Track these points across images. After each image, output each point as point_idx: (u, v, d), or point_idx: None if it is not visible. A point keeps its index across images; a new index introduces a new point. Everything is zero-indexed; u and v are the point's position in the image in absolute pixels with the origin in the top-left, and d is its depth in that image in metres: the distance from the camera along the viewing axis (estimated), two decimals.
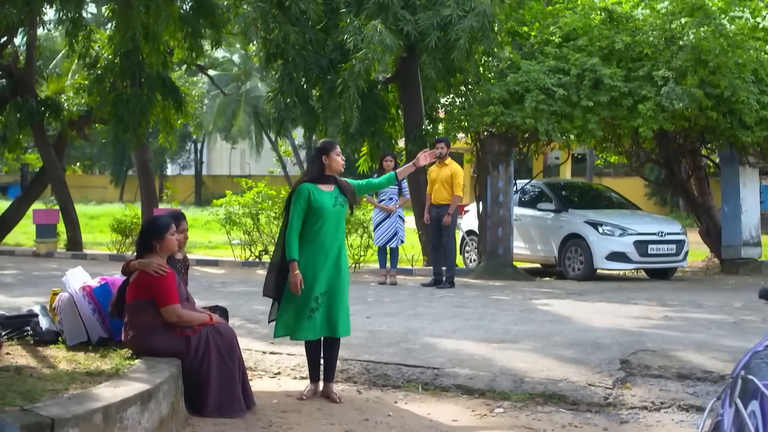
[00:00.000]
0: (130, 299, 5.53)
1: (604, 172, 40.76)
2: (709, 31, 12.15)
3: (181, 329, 5.47)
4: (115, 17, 15.86)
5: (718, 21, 12.33)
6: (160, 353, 5.40)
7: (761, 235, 14.90)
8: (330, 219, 5.87)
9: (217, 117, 45.60)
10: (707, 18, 12.37)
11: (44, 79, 20.03)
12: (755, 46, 12.80)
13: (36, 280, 12.29)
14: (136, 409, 4.52)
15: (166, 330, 5.45)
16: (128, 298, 5.54)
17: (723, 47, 12.14)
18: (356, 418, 5.58)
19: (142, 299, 5.47)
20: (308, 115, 14.26)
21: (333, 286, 5.87)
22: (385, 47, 12.39)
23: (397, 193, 11.94)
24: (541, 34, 14.31)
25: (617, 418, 5.66)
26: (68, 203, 18.05)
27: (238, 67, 47.05)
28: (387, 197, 11.92)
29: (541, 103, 12.54)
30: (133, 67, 15.94)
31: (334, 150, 5.98)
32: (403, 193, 12.08)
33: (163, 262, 5.54)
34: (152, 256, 5.54)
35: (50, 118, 18.06)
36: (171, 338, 5.44)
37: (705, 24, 12.26)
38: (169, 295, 5.44)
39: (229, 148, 55.36)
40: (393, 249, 12.17)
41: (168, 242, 5.61)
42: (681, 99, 11.99)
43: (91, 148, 46.89)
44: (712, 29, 12.16)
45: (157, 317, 5.44)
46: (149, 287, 5.45)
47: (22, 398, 4.41)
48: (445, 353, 7.06)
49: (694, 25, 12.30)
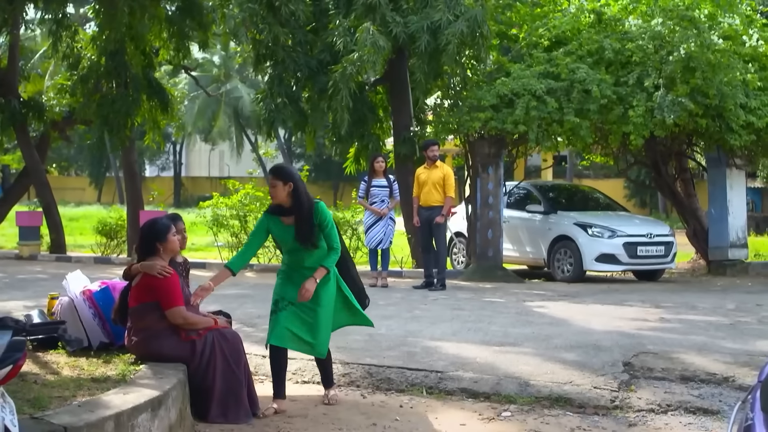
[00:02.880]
0: (133, 303, 5.44)
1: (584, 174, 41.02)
2: (698, 45, 12.18)
3: (186, 333, 5.39)
4: (100, 17, 15.68)
5: (706, 35, 12.37)
6: (166, 358, 5.32)
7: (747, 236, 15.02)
8: (294, 250, 5.67)
9: (197, 118, 45.39)
10: (695, 29, 12.42)
11: (26, 80, 19.78)
12: (739, 66, 12.89)
13: (22, 284, 12.12)
14: (146, 416, 4.44)
15: (172, 334, 5.36)
16: (131, 303, 5.45)
17: (711, 62, 12.21)
18: (364, 423, 5.53)
19: (146, 302, 5.38)
20: (298, 116, 14.19)
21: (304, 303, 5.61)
22: (378, 49, 12.35)
23: (387, 195, 11.89)
24: (530, 36, 14.32)
25: (625, 421, 5.64)
26: (51, 205, 17.84)
27: (218, 68, 46.83)
28: (378, 200, 11.87)
29: (532, 109, 12.54)
30: (118, 67, 15.78)
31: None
32: (394, 194, 12.02)
33: (167, 264, 5.46)
34: (154, 259, 5.45)
35: (32, 119, 17.83)
36: (177, 342, 5.36)
37: (693, 37, 12.28)
38: (174, 297, 5.36)
39: (208, 149, 55.12)
40: (384, 251, 12.12)
41: (171, 243, 5.53)
42: (673, 110, 12.05)
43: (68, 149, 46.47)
44: (700, 44, 12.19)
45: (162, 320, 5.36)
46: (153, 290, 5.36)
47: (29, 406, 4.31)
48: (447, 356, 7.02)
49: (684, 40, 12.31)
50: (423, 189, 11.77)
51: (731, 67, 12.58)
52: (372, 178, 11.92)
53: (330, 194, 43.60)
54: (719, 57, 12.31)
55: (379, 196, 11.83)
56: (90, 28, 23.94)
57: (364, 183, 11.99)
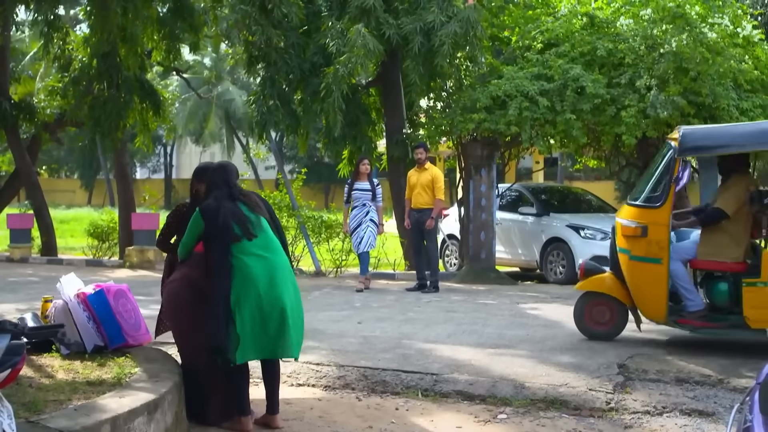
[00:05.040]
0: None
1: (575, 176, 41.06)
2: (690, 39, 12.25)
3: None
4: (92, 18, 15.61)
5: (698, 30, 12.43)
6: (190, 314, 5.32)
7: None
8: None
9: (188, 120, 45.28)
10: (688, 25, 12.48)
11: (16, 81, 19.68)
12: (735, 54, 12.92)
13: (14, 286, 12.05)
14: (143, 420, 4.42)
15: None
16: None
17: (704, 55, 12.25)
18: (359, 425, 5.52)
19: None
20: (290, 119, 14.15)
21: None
22: (368, 51, 12.34)
23: (370, 199, 11.79)
24: (522, 39, 14.34)
25: (621, 423, 5.66)
26: (43, 207, 17.74)
27: (210, 70, 46.72)
28: (360, 203, 11.77)
29: (524, 110, 12.56)
30: (110, 69, 15.69)
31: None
32: (377, 199, 11.87)
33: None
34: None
35: (23, 121, 17.75)
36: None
37: (686, 32, 12.36)
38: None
39: (198, 151, 54.96)
40: (362, 254, 11.92)
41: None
42: (665, 107, 12.08)
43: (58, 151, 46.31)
44: (693, 38, 12.26)
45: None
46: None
47: (25, 409, 4.29)
48: (442, 359, 7.02)
49: (676, 32, 12.40)
50: (413, 191, 11.78)
51: (725, 58, 12.60)
52: (355, 181, 11.88)
53: (321, 197, 43.57)
54: (713, 48, 12.34)
55: (361, 200, 11.76)
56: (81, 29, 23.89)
57: (348, 187, 11.94)
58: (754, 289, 6.96)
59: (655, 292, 7.19)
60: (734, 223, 7.33)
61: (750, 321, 7.00)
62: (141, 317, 6.04)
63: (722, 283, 7.44)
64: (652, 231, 7.17)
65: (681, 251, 7.43)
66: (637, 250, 7.28)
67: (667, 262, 7.12)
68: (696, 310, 7.32)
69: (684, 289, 7.36)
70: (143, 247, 15.35)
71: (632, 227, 7.33)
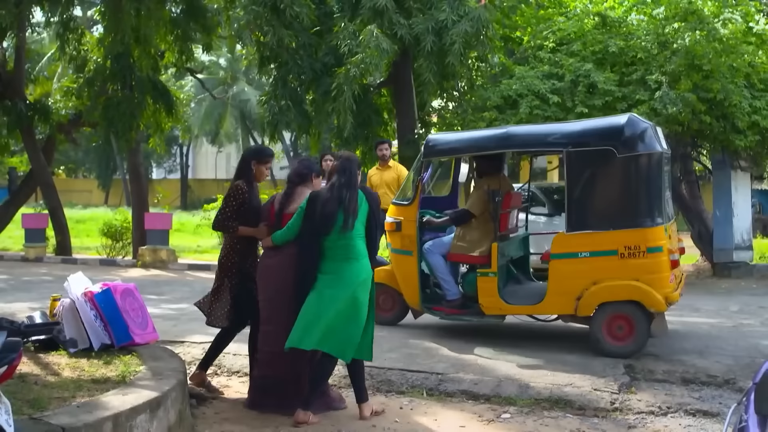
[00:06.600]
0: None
1: None
2: (703, 35, 12.19)
3: None
4: (105, 19, 15.73)
5: (711, 25, 12.37)
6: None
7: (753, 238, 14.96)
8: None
9: (203, 121, 45.43)
10: (701, 22, 12.41)
11: (32, 82, 19.83)
12: (748, 50, 12.84)
13: (28, 286, 12.16)
14: (145, 417, 4.47)
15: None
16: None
17: (716, 51, 12.18)
18: (364, 424, 5.54)
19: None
20: (302, 119, 14.18)
21: None
22: (382, 52, 12.34)
23: None
24: (534, 39, 14.32)
25: (625, 423, 5.64)
26: (57, 207, 17.88)
27: (225, 71, 46.90)
28: None
29: (535, 108, 12.53)
30: (123, 70, 15.80)
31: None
32: None
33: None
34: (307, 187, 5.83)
35: (39, 122, 17.90)
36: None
37: (698, 28, 12.30)
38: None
39: (215, 151, 55.17)
40: None
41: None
42: (675, 103, 12.02)
43: (75, 151, 46.62)
44: (705, 33, 12.21)
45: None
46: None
47: (29, 406, 4.34)
48: (448, 358, 7.04)
49: (688, 29, 12.34)
50: (379, 191, 10.42)
51: (738, 52, 12.52)
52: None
53: None
54: (726, 42, 12.27)
55: None
56: (96, 30, 24.04)
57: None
58: (486, 279, 7.57)
59: (410, 281, 7.94)
60: (482, 221, 7.84)
61: (484, 308, 7.61)
62: (148, 316, 6.10)
63: (471, 275, 7.92)
64: (405, 226, 7.93)
65: (440, 246, 8.04)
66: (395, 244, 8.09)
67: (417, 254, 7.82)
68: (453, 299, 7.92)
69: (442, 280, 7.98)
70: (156, 247, 15.45)
71: (390, 222, 8.09)
